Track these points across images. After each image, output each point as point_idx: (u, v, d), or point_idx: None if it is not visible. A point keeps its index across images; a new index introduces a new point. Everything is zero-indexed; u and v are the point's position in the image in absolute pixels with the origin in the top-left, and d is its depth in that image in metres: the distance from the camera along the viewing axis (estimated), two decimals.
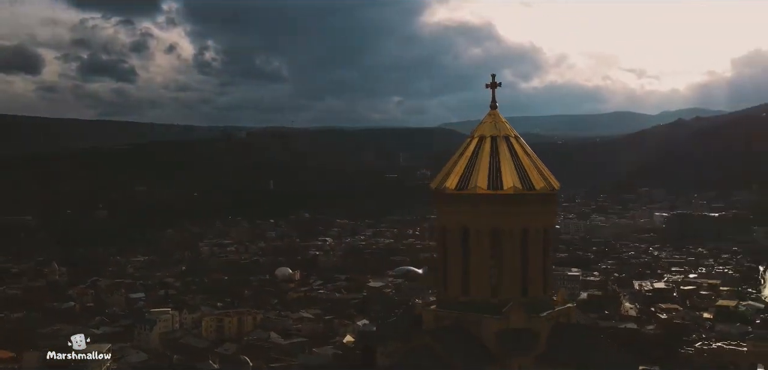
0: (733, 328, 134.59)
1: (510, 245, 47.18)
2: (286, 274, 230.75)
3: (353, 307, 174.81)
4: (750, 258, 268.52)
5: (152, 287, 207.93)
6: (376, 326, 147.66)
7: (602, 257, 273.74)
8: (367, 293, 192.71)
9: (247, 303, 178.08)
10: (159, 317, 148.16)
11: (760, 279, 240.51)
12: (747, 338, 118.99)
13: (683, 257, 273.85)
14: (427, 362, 45.57)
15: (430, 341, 46.46)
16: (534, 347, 45.15)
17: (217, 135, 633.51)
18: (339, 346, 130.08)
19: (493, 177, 46.97)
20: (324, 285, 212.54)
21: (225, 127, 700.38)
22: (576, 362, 44.60)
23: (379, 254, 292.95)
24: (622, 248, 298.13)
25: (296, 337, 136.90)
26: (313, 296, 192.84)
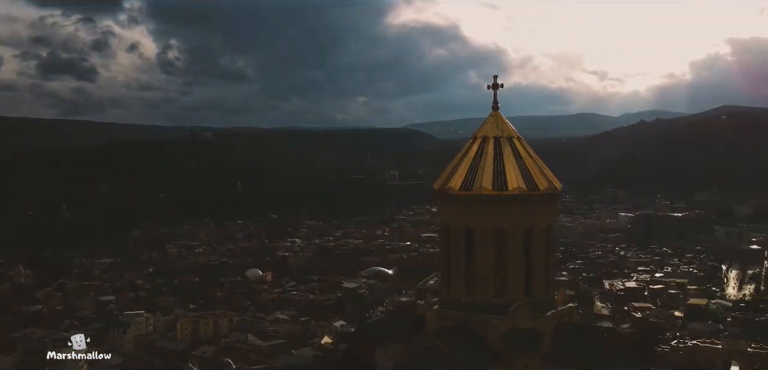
0: (705, 326, 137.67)
1: (514, 246, 47.63)
2: (256, 275, 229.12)
3: (328, 308, 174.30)
4: (713, 257, 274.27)
5: (122, 289, 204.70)
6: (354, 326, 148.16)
7: (570, 257, 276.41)
8: (341, 294, 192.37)
9: (220, 305, 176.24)
10: (133, 319, 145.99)
11: (723, 278, 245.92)
12: (721, 336, 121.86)
13: (649, 256, 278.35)
14: (433, 363, 45.71)
15: (435, 342, 46.62)
16: (539, 346, 45.63)
17: (183, 135, 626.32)
18: (318, 347, 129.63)
19: (497, 178, 47.35)
20: (297, 286, 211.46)
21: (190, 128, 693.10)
22: (580, 361, 45.15)
23: (349, 254, 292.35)
24: (589, 247, 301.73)
25: (274, 339, 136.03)
26: (287, 298, 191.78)
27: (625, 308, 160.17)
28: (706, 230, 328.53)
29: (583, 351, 45.69)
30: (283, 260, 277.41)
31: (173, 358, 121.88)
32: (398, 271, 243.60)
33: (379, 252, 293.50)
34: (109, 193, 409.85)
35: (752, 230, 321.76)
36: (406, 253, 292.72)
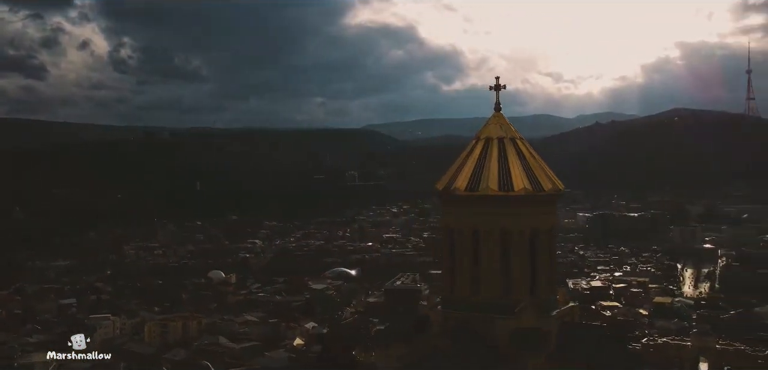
0: (671, 324, 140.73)
1: (519, 246, 48.00)
2: (220, 277, 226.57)
3: (296, 309, 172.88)
4: (668, 257, 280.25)
5: (82, 292, 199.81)
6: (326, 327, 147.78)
7: None
8: (309, 295, 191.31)
9: (185, 307, 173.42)
10: (99, 323, 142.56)
11: (679, 277, 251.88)
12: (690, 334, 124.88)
13: (607, 256, 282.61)
14: (440, 363, 45.74)
15: (442, 342, 46.67)
16: (545, 346, 46.03)
17: (139, 135, 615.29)
18: (291, 349, 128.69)
19: (503, 178, 47.63)
20: (262, 288, 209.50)
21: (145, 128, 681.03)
22: (585, 360, 45.67)
23: (311, 255, 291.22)
24: None
25: (245, 341, 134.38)
26: (254, 300, 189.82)
27: (594, 307, 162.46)
28: (661, 229, 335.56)
29: (587, 351, 46.19)
30: (244, 261, 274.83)
31: (143, 361, 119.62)
32: (361, 272, 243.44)
33: (341, 253, 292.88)
34: (63, 194, 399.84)
35: (705, 229, 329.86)
36: (368, 254, 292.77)
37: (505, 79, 52.02)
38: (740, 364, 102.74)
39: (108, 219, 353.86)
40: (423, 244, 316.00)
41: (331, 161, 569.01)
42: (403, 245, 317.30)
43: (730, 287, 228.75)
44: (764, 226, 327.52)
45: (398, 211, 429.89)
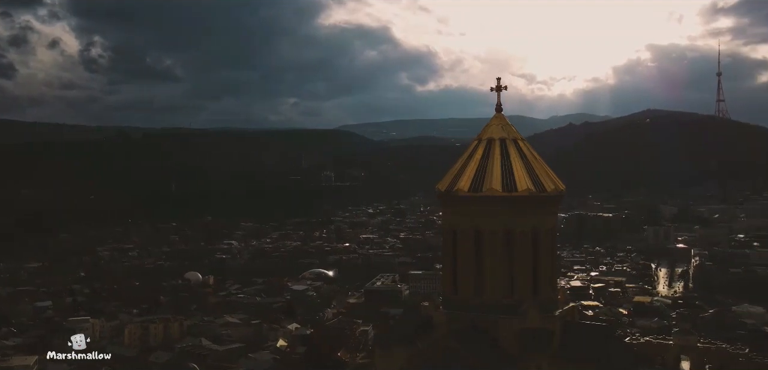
0: (651, 323, 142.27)
1: (523, 246, 48.22)
2: (197, 278, 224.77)
3: (278, 311, 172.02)
4: (643, 257, 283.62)
5: (58, 294, 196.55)
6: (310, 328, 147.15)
7: None
8: (290, 297, 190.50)
9: (165, 310, 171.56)
10: (78, 326, 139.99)
11: (653, 276, 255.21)
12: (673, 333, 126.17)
13: (583, 255, 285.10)
14: (449, 364, 45.75)
15: (451, 344, 46.65)
16: (550, 346, 46.31)
17: (112, 135, 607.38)
18: (274, 350, 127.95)
19: (506, 179, 47.79)
20: (242, 289, 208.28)
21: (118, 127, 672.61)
22: (589, 359, 45.98)
23: (288, 256, 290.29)
24: None
25: (229, 343, 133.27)
26: (234, 301, 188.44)
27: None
28: (635, 229, 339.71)
29: (591, 349, 46.51)
30: (220, 262, 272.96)
31: (126, 364, 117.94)
32: (338, 272, 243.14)
33: (318, 254, 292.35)
34: (34, 195, 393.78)
35: (678, 229, 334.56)
36: (345, 254, 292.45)
37: (479, 81, 52.35)
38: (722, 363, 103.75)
39: (81, 220, 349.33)
40: (400, 244, 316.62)
41: (306, 162, 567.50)
42: (380, 245, 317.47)
43: (703, 286, 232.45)
44: (735, 226, 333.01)
45: (374, 211, 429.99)
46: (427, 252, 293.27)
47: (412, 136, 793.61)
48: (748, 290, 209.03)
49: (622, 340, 57.38)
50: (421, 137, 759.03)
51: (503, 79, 51.73)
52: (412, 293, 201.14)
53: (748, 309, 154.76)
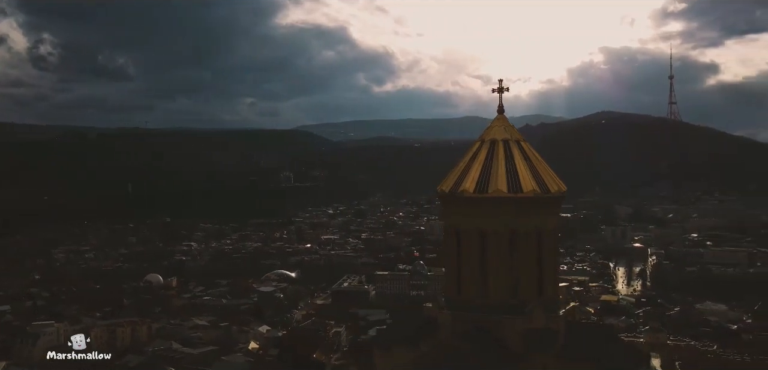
0: (619, 321, 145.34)
1: (527, 246, 48.52)
2: (158, 280, 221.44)
3: (245, 312, 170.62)
4: (601, 256, 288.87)
5: (16, 298, 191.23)
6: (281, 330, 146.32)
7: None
8: (257, 298, 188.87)
9: (129, 312, 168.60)
10: (42, 330, 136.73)
11: (612, 275, 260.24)
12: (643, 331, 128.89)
13: None
14: (457, 365, 45.78)
15: (458, 344, 46.63)
16: (555, 346, 46.66)
17: (65, 135, 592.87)
18: (247, 353, 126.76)
19: (511, 180, 48.07)
20: (206, 291, 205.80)
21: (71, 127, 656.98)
22: (593, 358, 46.33)
23: (249, 257, 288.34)
24: None
25: (199, 346, 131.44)
26: (199, 303, 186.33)
27: None
28: (593, 229, 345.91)
29: (595, 349, 46.95)
30: (180, 263, 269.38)
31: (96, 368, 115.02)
32: (301, 273, 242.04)
33: (280, 255, 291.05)
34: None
35: (634, 229, 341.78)
36: (307, 255, 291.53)
37: (436, 82, 52.65)
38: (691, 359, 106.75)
39: (34, 222, 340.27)
40: (362, 245, 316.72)
41: (264, 162, 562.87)
42: (342, 246, 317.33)
43: (660, 284, 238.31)
44: (688, 225, 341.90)
45: (334, 212, 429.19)
46: (389, 252, 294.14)
47: (370, 136, 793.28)
48: (704, 288, 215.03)
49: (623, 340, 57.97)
50: (380, 138, 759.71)
51: (460, 80, 51.99)
52: (378, 294, 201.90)
53: (711, 307, 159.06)
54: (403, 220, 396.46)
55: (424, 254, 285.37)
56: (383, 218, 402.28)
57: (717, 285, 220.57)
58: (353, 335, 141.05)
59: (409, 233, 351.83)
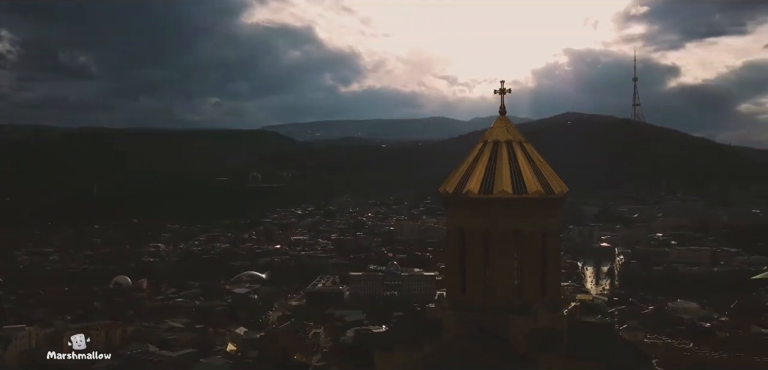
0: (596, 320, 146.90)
1: (532, 247, 48.73)
2: (126, 282, 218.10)
3: (220, 314, 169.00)
4: (570, 256, 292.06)
5: None
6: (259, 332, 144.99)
7: (440, 258, 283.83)
8: (231, 300, 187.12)
9: (101, 315, 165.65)
10: (14, 334, 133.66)
11: (581, 274, 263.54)
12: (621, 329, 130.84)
13: None
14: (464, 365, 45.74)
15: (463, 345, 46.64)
16: (561, 345, 46.90)
17: (27, 135, 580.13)
18: (226, 355, 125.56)
19: (516, 181, 48.27)
20: (179, 293, 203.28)
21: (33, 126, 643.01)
22: (598, 358, 46.52)
23: (218, 259, 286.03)
24: None
25: (177, 348, 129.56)
26: (172, 305, 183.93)
27: None
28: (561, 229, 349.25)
29: (599, 348, 47.19)
30: (148, 265, 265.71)
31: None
32: (271, 274, 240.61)
33: (249, 256, 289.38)
34: None
35: (601, 228, 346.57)
36: (277, 256, 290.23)
37: (402, 82, 52.83)
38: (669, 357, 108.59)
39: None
40: (331, 245, 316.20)
41: (231, 162, 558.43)
42: (312, 246, 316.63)
43: (628, 283, 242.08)
44: (653, 225, 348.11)
45: (303, 213, 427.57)
46: (359, 253, 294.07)
47: (336, 137, 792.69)
48: (671, 287, 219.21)
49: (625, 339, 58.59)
50: (346, 138, 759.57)
51: (425, 81, 52.26)
52: (352, 295, 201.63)
53: (683, 305, 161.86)
54: (372, 220, 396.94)
55: (395, 254, 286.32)
56: (352, 219, 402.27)
57: (683, 284, 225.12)
58: (331, 336, 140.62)
59: (379, 233, 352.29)
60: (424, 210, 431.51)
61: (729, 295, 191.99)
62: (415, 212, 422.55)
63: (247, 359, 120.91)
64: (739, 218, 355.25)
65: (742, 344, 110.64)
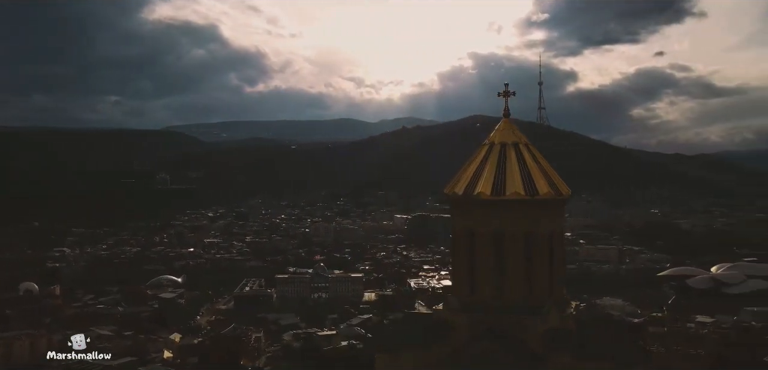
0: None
1: (542, 247, 49.60)
2: (34, 289, 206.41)
3: (147, 320, 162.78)
4: None
5: None
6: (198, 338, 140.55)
7: (358, 259, 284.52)
8: (157, 305, 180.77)
9: (16, 324, 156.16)
10: None
11: None
12: None
13: (430, 256, 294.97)
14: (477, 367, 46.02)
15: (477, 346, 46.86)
16: (573, 344, 47.83)
17: None
18: (165, 362, 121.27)
19: (526, 182, 49.00)
20: (98, 299, 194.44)
21: None
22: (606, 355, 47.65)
23: (130, 263, 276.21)
24: (372, 249, 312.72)
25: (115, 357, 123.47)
26: (92, 312, 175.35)
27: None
28: None
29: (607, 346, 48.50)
30: (53, 271, 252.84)
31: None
32: (187, 278, 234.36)
33: (162, 260, 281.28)
34: None
35: None
36: (191, 259, 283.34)
37: (309, 83, 53.04)
38: None
39: None
40: (247, 248, 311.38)
41: (136, 164, 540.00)
42: (228, 249, 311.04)
43: None
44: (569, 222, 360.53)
45: (214, 215, 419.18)
46: (277, 255, 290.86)
47: (243, 138, 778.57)
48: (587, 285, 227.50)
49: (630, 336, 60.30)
50: (254, 139, 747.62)
51: (333, 82, 52.68)
52: (280, 298, 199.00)
53: (610, 302, 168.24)
54: (287, 222, 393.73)
55: (311, 256, 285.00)
56: (266, 221, 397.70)
57: (596, 281, 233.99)
58: (270, 340, 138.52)
59: (295, 235, 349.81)
60: (337, 211, 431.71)
61: (638, 291, 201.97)
62: (329, 214, 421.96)
63: (188, 365, 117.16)
64: (639, 218, 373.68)
65: (677, 339, 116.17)
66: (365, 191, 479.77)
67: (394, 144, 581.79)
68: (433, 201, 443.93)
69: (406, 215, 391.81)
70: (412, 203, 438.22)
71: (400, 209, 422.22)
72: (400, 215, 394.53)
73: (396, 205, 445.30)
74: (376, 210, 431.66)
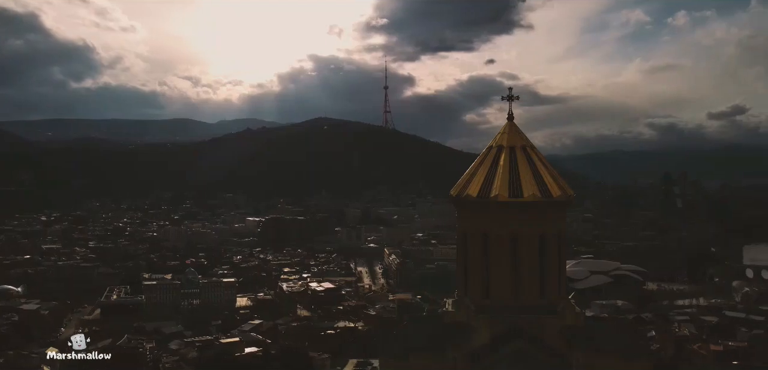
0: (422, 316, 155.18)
1: (554, 248, 50.99)
2: None
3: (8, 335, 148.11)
4: (343, 256, 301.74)
5: None
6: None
7: (215, 263, 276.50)
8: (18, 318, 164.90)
9: None
10: None
11: (357, 274, 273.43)
12: None
13: (288, 258, 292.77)
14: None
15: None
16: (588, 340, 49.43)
17: None
18: None
19: (539, 186, 49.98)
20: None
21: None
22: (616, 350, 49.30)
23: None
24: (227, 253, 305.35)
25: None
26: None
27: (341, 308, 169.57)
28: (328, 231, 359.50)
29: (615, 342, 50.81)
30: None
31: None
32: (27, 288, 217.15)
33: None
34: None
35: (367, 230, 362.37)
36: (30, 267, 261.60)
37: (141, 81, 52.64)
38: None
39: None
40: (92, 254, 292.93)
41: None
42: (70, 256, 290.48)
43: (404, 280, 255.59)
44: (413, 226, 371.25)
45: (48, 219, 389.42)
46: (127, 261, 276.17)
47: (72, 137, 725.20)
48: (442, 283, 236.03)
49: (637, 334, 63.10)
50: (83, 139, 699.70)
51: (167, 81, 52.50)
52: (150, 304, 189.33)
53: None
54: (131, 226, 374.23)
55: (164, 260, 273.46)
56: (108, 225, 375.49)
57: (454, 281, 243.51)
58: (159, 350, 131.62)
59: (142, 239, 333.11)
60: (184, 214, 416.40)
61: None
62: (176, 217, 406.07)
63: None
64: None
65: None
66: (211, 193, 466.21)
67: (238, 146, 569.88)
68: (285, 203, 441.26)
69: (258, 217, 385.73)
70: (262, 206, 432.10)
71: (250, 212, 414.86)
72: (252, 218, 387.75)
73: (245, 208, 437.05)
74: (226, 213, 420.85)
